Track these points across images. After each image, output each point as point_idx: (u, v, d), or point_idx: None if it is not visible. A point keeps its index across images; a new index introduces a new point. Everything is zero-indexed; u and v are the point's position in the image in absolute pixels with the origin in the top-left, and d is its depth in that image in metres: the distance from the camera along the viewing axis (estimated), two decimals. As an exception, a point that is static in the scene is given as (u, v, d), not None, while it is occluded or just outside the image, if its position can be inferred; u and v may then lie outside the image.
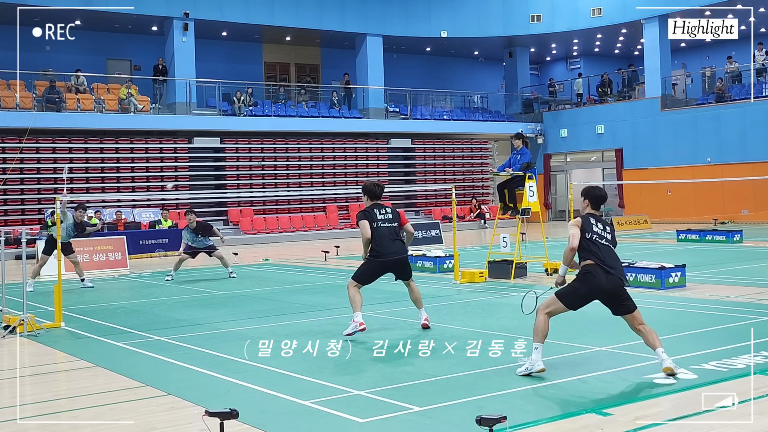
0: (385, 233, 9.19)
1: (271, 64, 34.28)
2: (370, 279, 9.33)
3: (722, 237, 20.32)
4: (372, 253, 9.21)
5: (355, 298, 9.15)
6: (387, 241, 9.17)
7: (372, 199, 9.42)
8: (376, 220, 9.23)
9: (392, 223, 9.29)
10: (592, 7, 32.80)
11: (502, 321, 9.51)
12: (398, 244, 9.27)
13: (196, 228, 15.87)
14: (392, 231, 9.28)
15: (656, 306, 10.32)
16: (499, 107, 37.77)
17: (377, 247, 9.17)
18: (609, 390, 6.13)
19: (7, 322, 9.83)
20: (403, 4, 32.78)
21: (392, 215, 9.34)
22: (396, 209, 9.58)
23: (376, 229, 9.20)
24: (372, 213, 9.26)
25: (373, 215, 9.24)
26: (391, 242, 9.20)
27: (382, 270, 9.29)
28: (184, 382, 6.92)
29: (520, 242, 14.68)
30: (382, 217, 9.27)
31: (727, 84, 31.34)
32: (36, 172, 25.56)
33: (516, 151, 14.38)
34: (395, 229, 9.32)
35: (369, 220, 9.18)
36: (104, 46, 29.92)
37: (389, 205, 9.61)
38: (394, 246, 9.21)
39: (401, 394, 6.14)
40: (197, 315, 10.89)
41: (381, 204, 9.46)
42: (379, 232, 9.19)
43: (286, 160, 30.06)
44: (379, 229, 9.20)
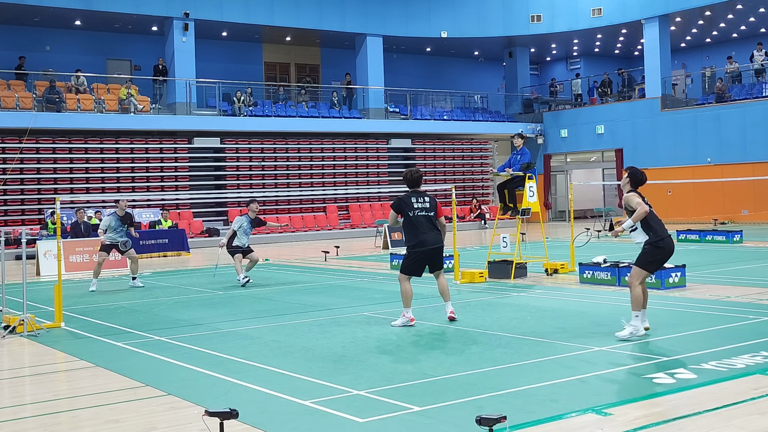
0: (422, 222, 9.22)
1: (271, 64, 34.29)
2: (417, 270, 9.34)
3: (722, 237, 20.32)
4: (410, 243, 9.26)
5: (405, 292, 9.23)
6: (424, 230, 9.20)
7: (411, 187, 9.43)
8: (413, 208, 9.23)
9: (429, 212, 9.29)
10: (592, 7, 32.80)
11: (502, 321, 9.51)
12: (434, 234, 9.29)
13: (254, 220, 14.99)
14: (429, 220, 9.27)
15: (656, 306, 10.32)
16: (499, 107, 37.77)
17: (414, 236, 9.23)
18: (609, 390, 6.13)
19: (7, 322, 9.83)
20: (403, 4, 32.78)
21: (429, 204, 9.32)
22: (435, 199, 9.51)
23: (414, 217, 9.22)
24: (408, 201, 9.25)
25: (410, 204, 9.23)
26: (428, 231, 9.22)
27: (423, 260, 9.29)
28: (184, 382, 6.92)
29: (520, 242, 14.68)
30: (419, 205, 9.26)
31: (727, 84, 31.34)
32: (36, 172, 25.56)
33: (516, 152, 14.38)
34: (432, 218, 9.31)
35: (404, 208, 9.21)
36: (104, 46, 29.94)
37: (428, 194, 9.52)
38: (430, 235, 9.24)
39: (401, 394, 6.14)
40: (197, 315, 10.89)
41: (420, 192, 9.43)
42: (417, 221, 9.21)
43: (286, 161, 30.06)
44: (417, 217, 9.22)
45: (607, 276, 12.73)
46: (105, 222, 14.71)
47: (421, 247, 9.21)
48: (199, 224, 27.18)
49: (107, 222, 14.67)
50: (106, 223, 14.68)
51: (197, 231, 26.71)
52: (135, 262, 15.05)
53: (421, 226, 9.21)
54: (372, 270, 16.84)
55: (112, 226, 14.63)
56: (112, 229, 14.63)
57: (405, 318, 9.22)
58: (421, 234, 9.21)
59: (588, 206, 34.57)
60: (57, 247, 10.84)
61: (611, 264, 12.86)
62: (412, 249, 9.29)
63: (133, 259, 15.02)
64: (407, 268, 9.32)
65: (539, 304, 10.86)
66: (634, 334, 7.94)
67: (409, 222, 9.24)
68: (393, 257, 17.07)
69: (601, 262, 12.99)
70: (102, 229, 14.64)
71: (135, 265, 15.05)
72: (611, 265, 12.82)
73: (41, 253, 18.76)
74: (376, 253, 21.53)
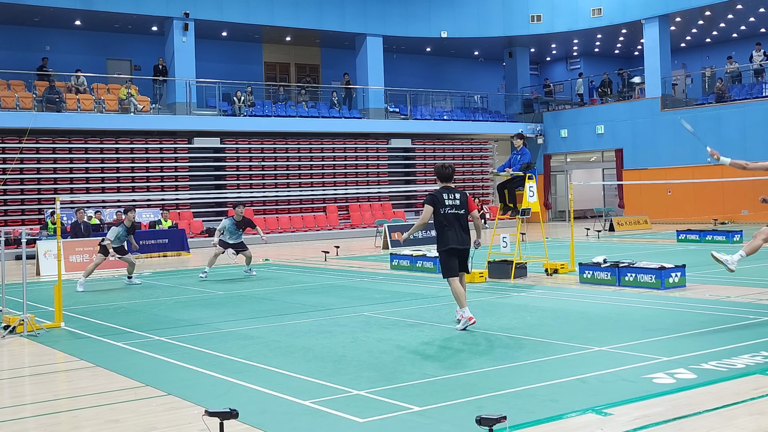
0: (452, 221, 8.95)
1: (271, 64, 34.29)
2: (454, 269, 9.04)
3: (722, 237, 20.32)
4: (440, 243, 9.03)
5: (456, 292, 9.00)
6: (452, 230, 8.94)
7: (443, 181, 9.14)
8: (444, 206, 8.95)
9: (460, 209, 9.00)
10: (592, 7, 32.80)
11: (502, 321, 9.50)
12: (463, 235, 9.01)
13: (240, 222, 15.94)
14: (459, 218, 8.99)
15: (656, 306, 10.33)
16: (499, 107, 37.77)
17: (442, 236, 8.99)
18: (609, 390, 6.13)
19: (7, 322, 9.83)
20: (403, 4, 32.78)
21: (460, 201, 9.03)
22: (466, 194, 9.22)
23: (444, 215, 8.95)
24: (440, 198, 8.97)
25: (442, 200, 8.96)
26: (456, 232, 8.95)
27: (454, 257, 9.03)
28: (184, 382, 6.92)
29: (520, 242, 14.68)
30: (450, 202, 8.97)
31: (727, 84, 31.34)
32: (36, 172, 25.56)
33: (516, 152, 14.38)
34: (463, 217, 9.04)
35: (436, 205, 8.94)
36: (104, 46, 29.93)
37: (459, 189, 9.23)
38: (459, 236, 8.97)
39: (401, 394, 6.14)
40: (197, 315, 10.89)
41: (451, 188, 9.14)
42: (447, 219, 8.95)
43: (286, 161, 30.06)
44: (447, 215, 8.95)
45: (607, 276, 12.72)
46: (113, 233, 14.89)
47: (449, 246, 8.97)
48: (199, 224, 27.18)
49: (116, 233, 14.87)
50: (113, 234, 14.86)
51: (197, 231, 26.71)
52: (132, 265, 15.34)
53: (450, 225, 8.95)
54: (372, 270, 16.84)
55: (120, 237, 14.91)
56: (118, 240, 14.90)
57: (464, 319, 8.92)
58: (447, 233, 8.96)
59: (588, 206, 34.58)
60: (57, 247, 10.84)
61: (611, 264, 12.85)
62: (440, 249, 9.09)
63: (130, 263, 15.28)
64: (447, 270, 9.07)
65: (539, 304, 10.86)
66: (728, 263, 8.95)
67: (439, 220, 8.98)
68: (393, 257, 17.07)
69: (601, 262, 12.99)
70: (109, 239, 14.79)
71: (132, 268, 15.37)
72: (611, 265, 12.82)
73: (41, 253, 18.76)
74: (376, 253, 21.53)
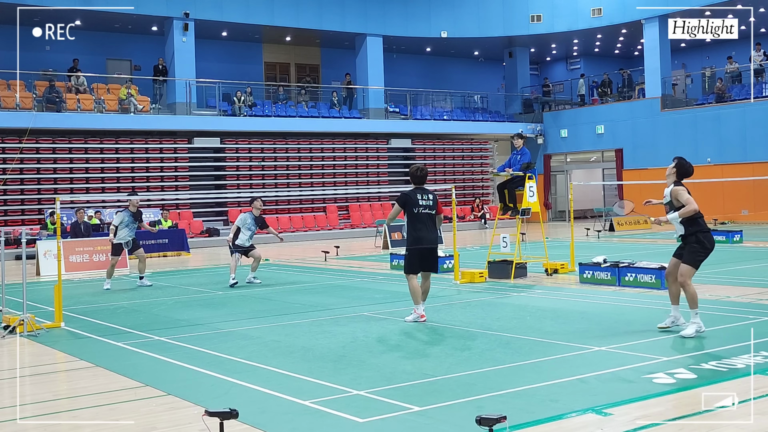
0: (424, 220, 9.34)
1: (271, 64, 34.29)
2: (417, 267, 9.49)
3: (722, 237, 20.29)
4: (411, 241, 9.40)
5: (413, 288, 9.42)
6: (424, 228, 9.33)
7: (416, 183, 9.53)
8: (418, 205, 9.32)
9: (431, 210, 9.40)
10: (592, 7, 32.79)
11: (502, 321, 9.51)
12: (434, 234, 9.42)
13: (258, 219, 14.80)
14: (430, 218, 9.40)
15: (656, 306, 10.32)
16: (499, 107, 37.76)
17: (415, 233, 9.35)
18: (609, 390, 6.13)
19: (7, 322, 9.82)
20: (403, 4, 32.77)
21: (432, 202, 9.43)
22: (436, 195, 9.63)
23: (417, 214, 9.33)
24: (414, 198, 9.34)
25: (415, 200, 9.33)
26: (427, 230, 9.36)
27: (421, 256, 9.44)
28: (184, 382, 6.92)
29: (520, 242, 14.68)
30: (424, 203, 9.35)
31: (727, 84, 31.34)
32: (36, 172, 25.56)
33: (516, 152, 14.38)
34: (433, 217, 9.45)
35: (409, 204, 9.31)
36: (104, 46, 29.93)
37: (431, 191, 9.63)
38: (430, 235, 9.38)
39: (401, 394, 6.14)
40: (197, 315, 10.89)
41: (424, 189, 9.52)
42: (419, 219, 9.32)
43: (286, 161, 30.06)
44: (420, 215, 9.33)
45: (607, 276, 12.72)
46: (118, 218, 14.59)
47: (418, 244, 9.39)
48: (199, 224, 27.18)
49: (121, 218, 14.56)
50: (119, 219, 14.55)
51: (197, 231, 26.71)
52: (143, 261, 15.00)
53: (423, 224, 9.35)
54: (372, 270, 16.84)
55: (125, 222, 14.54)
56: (124, 225, 14.54)
57: (416, 314, 9.43)
58: (420, 232, 9.37)
59: (588, 206, 34.56)
60: (57, 247, 10.84)
61: (611, 264, 12.85)
62: (411, 247, 9.47)
63: (141, 258, 14.95)
64: (409, 267, 9.52)
65: (539, 304, 10.86)
66: (699, 331, 8.05)
67: (412, 218, 9.36)
68: (393, 257, 17.07)
69: (601, 262, 12.99)
70: (115, 225, 14.52)
71: (143, 265, 14.98)
72: (611, 265, 12.82)
73: (41, 253, 18.75)
74: (376, 253, 21.53)
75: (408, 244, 9.52)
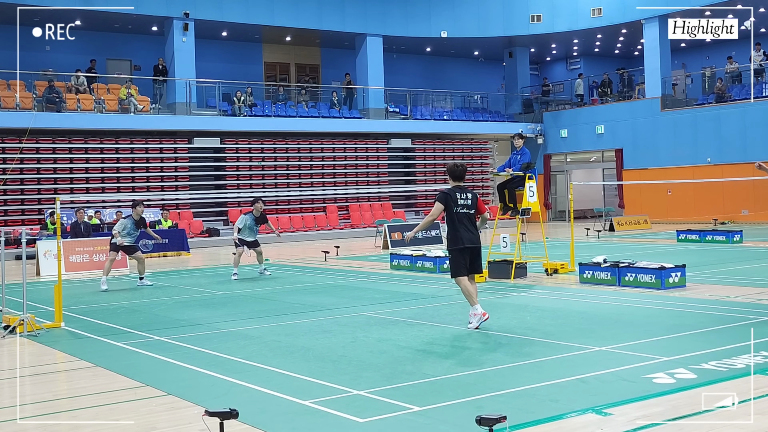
0: (463, 220, 9.07)
1: (271, 64, 34.29)
2: (462, 269, 9.12)
3: (722, 237, 20.31)
4: (452, 242, 9.11)
5: (466, 290, 9.09)
6: (464, 228, 9.05)
7: (455, 180, 9.25)
8: (457, 204, 9.06)
9: (470, 209, 9.14)
10: (592, 7, 32.79)
11: (502, 321, 9.50)
12: (474, 234, 9.14)
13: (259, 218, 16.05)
14: (469, 218, 9.14)
15: (656, 306, 10.33)
16: (499, 107, 37.76)
17: (455, 234, 9.07)
18: (609, 390, 6.13)
19: (7, 322, 9.82)
20: (403, 4, 32.77)
21: (471, 201, 9.17)
22: (476, 194, 9.37)
23: (456, 214, 9.06)
24: (453, 196, 9.08)
25: (455, 199, 9.06)
26: (467, 230, 9.06)
27: (464, 258, 9.12)
28: (184, 382, 6.92)
29: (520, 242, 14.68)
30: (462, 202, 9.09)
31: (727, 84, 31.33)
32: (36, 172, 25.55)
33: (516, 152, 14.38)
34: (472, 217, 9.19)
35: (449, 203, 9.04)
36: (104, 46, 29.92)
37: (470, 190, 9.35)
38: (470, 234, 9.09)
39: (401, 394, 6.14)
40: (197, 315, 10.89)
41: (463, 187, 9.26)
42: (459, 218, 9.07)
43: (286, 161, 30.06)
44: (459, 214, 9.07)
45: (607, 276, 12.72)
46: (120, 225, 14.73)
47: (461, 245, 9.05)
48: (199, 224, 27.18)
49: (123, 225, 14.71)
50: (121, 226, 14.70)
51: (197, 231, 26.71)
52: (142, 263, 15.08)
53: (462, 224, 9.05)
54: (372, 270, 16.84)
55: (127, 230, 14.72)
56: (126, 233, 14.71)
57: (477, 315, 8.99)
58: (460, 232, 9.04)
59: (588, 206, 34.57)
60: (57, 247, 10.84)
61: (611, 264, 12.85)
62: (452, 249, 9.15)
63: (140, 260, 15.03)
64: (457, 270, 9.14)
65: (539, 304, 10.86)
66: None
67: (451, 218, 9.07)
68: (393, 257, 17.07)
69: (601, 262, 12.99)
70: (117, 230, 14.64)
71: (142, 266, 15.07)
72: (611, 265, 12.81)
73: (41, 253, 18.75)
74: (376, 253, 21.53)
75: (449, 245, 9.20)
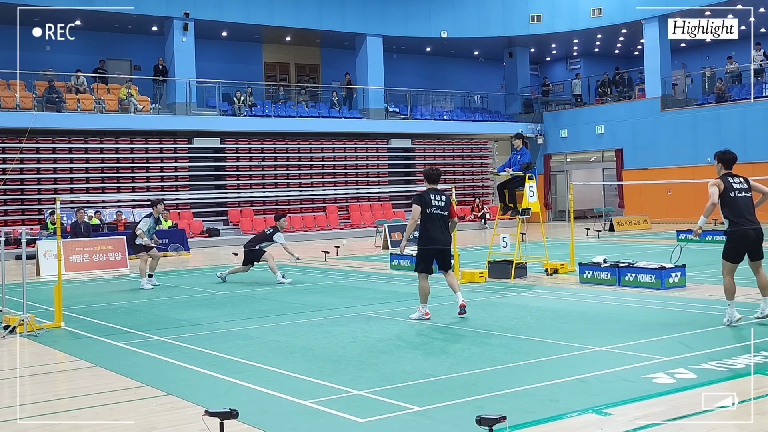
0: (436, 221, 9.57)
1: (271, 64, 34.28)
2: (427, 267, 9.68)
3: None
4: (422, 241, 9.61)
5: (422, 289, 9.66)
6: (435, 229, 9.56)
7: (430, 183, 9.78)
8: (431, 206, 9.56)
9: (444, 211, 9.65)
10: (592, 7, 32.78)
11: (502, 321, 9.51)
12: (446, 235, 9.69)
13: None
14: (442, 219, 9.64)
15: (656, 306, 10.33)
16: (499, 107, 37.76)
17: (425, 235, 9.59)
18: (609, 390, 6.13)
19: (7, 322, 9.82)
20: (403, 4, 32.77)
21: (445, 203, 9.67)
22: (450, 197, 9.91)
23: (429, 215, 9.56)
24: (427, 198, 9.58)
25: (429, 200, 9.57)
26: (439, 231, 9.58)
27: (432, 257, 9.67)
28: (184, 382, 6.92)
29: (520, 242, 14.68)
30: (436, 203, 9.60)
31: (727, 84, 31.33)
32: (36, 172, 25.55)
33: (516, 152, 14.38)
34: (445, 218, 9.69)
35: (423, 205, 9.53)
36: (104, 46, 29.92)
37: (445, 192, 9.88)
38: (442, 235, 9.61)
39: (401, 394, 6.14)
40: (197, 315, 10.89)
41: (438, 190, 9.77)
42: (431, 219, 9.55)
43: (286, 161, 30.06)
44: (432, 215, 9.56)
45: (607, 276, 12.73)
46: (145, 224, 14.67)
47: (430, 245, 9.58)
48: (199, 224, 27.18)
49: (148, 224, 14.69)
50: (146, 225, 14.66)
51: (197, 231, 26.71)
52: (156, 259, 15.05)
53: (434, 224, 9.56)
54: (372, 270, 16.84)
55: (151, 230, 14.75)
56: (152, 232, 14.76)
57: (421, 312, 9.67)
58: (431, 233, 9.57)
59: (588, 206, 34.57)
60: (57, 247, 10.84)
61: (611, 264, 12.86)
62: (421, 247, 9.65)
63: (155, 257, 14.97)
64: (419, 266, 9.69)
65: (539, 304, 10.86)
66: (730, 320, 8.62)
67: (424, 218, 9.56)
68: (393, 257, 17.07)
69: (601, 262, 12.99)
70: (142, 230, 14.54)
71: (155, 262, 15.03)
72: (611, 265, 12.82)
73: (41, 253, 18.75)
74: (376, 253, 21.53)
75: (419, 243, 9.70)
